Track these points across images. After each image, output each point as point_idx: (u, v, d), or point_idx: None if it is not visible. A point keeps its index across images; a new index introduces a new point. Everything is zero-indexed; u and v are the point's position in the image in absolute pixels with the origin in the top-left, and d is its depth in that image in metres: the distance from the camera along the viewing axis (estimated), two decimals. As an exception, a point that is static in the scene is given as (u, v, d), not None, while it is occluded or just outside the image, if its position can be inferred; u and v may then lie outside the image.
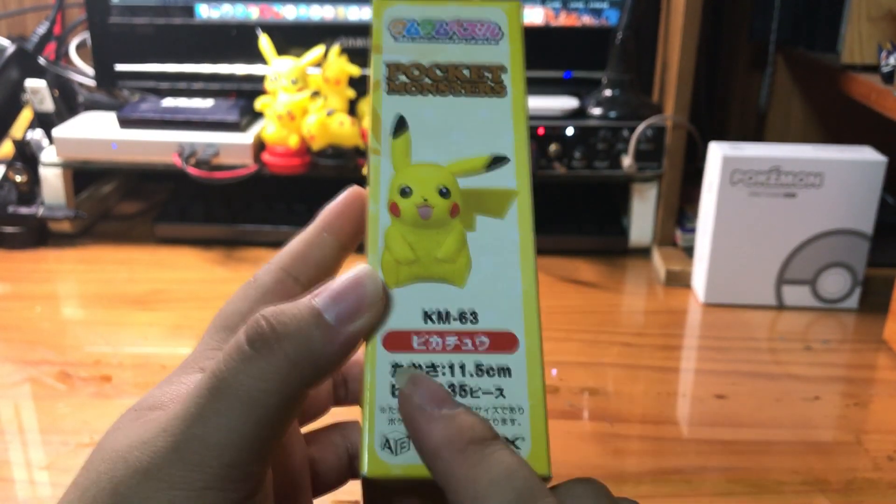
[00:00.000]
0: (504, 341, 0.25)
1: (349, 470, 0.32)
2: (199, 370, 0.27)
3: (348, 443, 0.32)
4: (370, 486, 0.25)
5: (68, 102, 0.92)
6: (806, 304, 0.76)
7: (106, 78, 0.92)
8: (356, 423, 0.32)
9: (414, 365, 0.25)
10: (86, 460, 0.26)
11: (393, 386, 0.24)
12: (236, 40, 0.90)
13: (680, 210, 0.85)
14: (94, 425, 0.57)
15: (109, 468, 0.24)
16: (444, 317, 0.25)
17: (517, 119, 0.28)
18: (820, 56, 0.87)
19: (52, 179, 0.87)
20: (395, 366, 0.25)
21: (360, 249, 0.28)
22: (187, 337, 0.70)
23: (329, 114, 0.82)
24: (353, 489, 0.52)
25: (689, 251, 0.82)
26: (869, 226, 0.73)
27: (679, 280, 0.81)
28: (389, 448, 0.24)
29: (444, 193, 0.27)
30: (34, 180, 0.87)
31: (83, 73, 0.95)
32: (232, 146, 0.84)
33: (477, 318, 0.26)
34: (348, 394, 0.33)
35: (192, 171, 0.81)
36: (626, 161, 0.82)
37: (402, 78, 0.28)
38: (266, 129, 0.84)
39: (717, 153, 0.73)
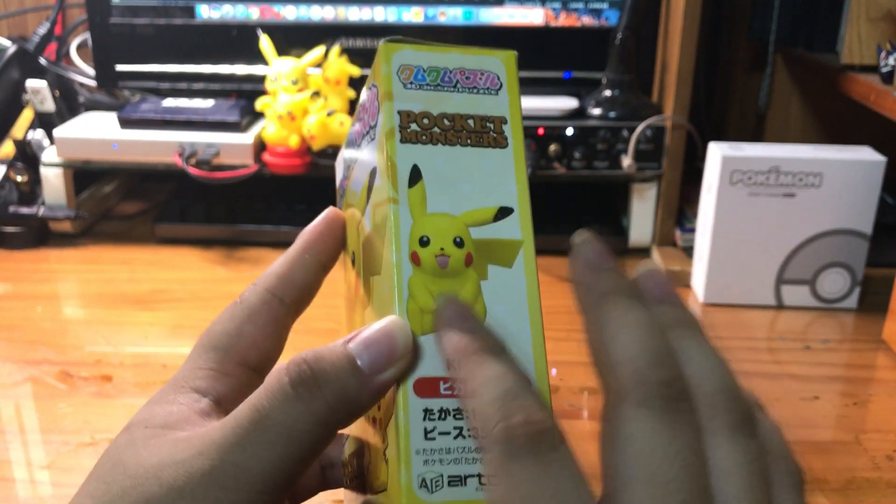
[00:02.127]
0: None
1: (322, 482, 0.34)
2: (192, 390, 0.28)
3: (322, 457, 0.34)
4: None
5: (69, 102, 0.92)
6: (805, 304, 0.76)
7: (107, 78, 0.93)
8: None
9: (443, 410, 0.26)
10: (95, 472, 0.27)
11: (426, 430, 0.26)
12: (237, 41, 0.91)
13: (679, 210, 0.85)
14: (95, 425, 0.57)
15: (139, 483, 0.25)
16: None
17: (518, 169, 0.29)
18: (819, 56, 0.87)
19: (52, 179, 0.87)
20: (426, 411, 0.26)
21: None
22: (188, 337, 0.70)
23: (329, 114, 0.82)
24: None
25: (688, 251, 0.82)
26: (868, 226, 0.73)
27: (679, 280, 0.81)
28: (426, 487, 0.25)
29: (459, 243, 0.28)
30: (35, 180, 0.87)
31: (84, 73, 0.95)
32: (232, 146, 0.84)
33: None
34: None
35: (192, 171, 0.81)
36: (626, 161, 0.83)
37: (414, 127, 0.29)
38: (266, 129, 0.84)
39: (717, 153, 0.73)
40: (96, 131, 0.86)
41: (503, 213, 0.29)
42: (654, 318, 0.25)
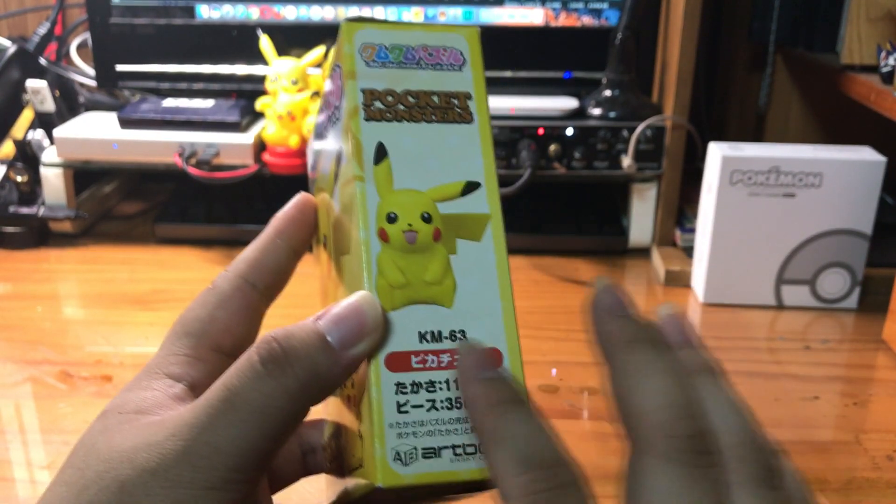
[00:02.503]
0: (491, 357, 0.27)
1: (303, 468, 0.34)
2: (166, 375, 0.29)
3: (302, 442, 0.34)
4: (383, 496, 0.27)
5: (69, 103, 0.93)
6: (805, 304, 0.76)
7: (107, 78, 0.93)
8: (311, 423, 0.34)
9: (415, 383, 0.26)
10: (70, 460, 0.27)
11: (398, 403, 0.26)
12: (237, 41, 0.91)
13: (679, 210, 0.85)
14: (95, 425, 0.57)
15: (112, 467, 0.25)
16: (436, 336, 0.27)
17: (485, 144, 0.29)
18: (819, 56, 0.87)
19: (52, 179, 0.87)
20: (398, 384, 0.26)
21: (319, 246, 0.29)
22: (188, 337, 0.70)
23: (329, 114, 0.82)
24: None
25: (688, 251, 0.82)
26: (868, 226, 0.73)
27: (678, 280, 0.81)
28: (401, 460, 0.26)
29: (427, 219, 0.28)
30: (35, 180, 0.87)
31: (84, 73, 0.95)
32: (232, 146, 0.84)
33: (465, 337, 0.27)
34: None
35: (192, 171, 0.81)
36: (626, 161, 0.83)
37: (378, 105, 0.29)
38: (266, 129, 0.84)
39: (717, 153, 0.73)
40: (96, 131, 0.86)
41: (470, 187, 0.29)
42: (677, 366, 0.25)
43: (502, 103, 0.84)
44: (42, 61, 0.93)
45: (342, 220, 0.30)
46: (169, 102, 0.89)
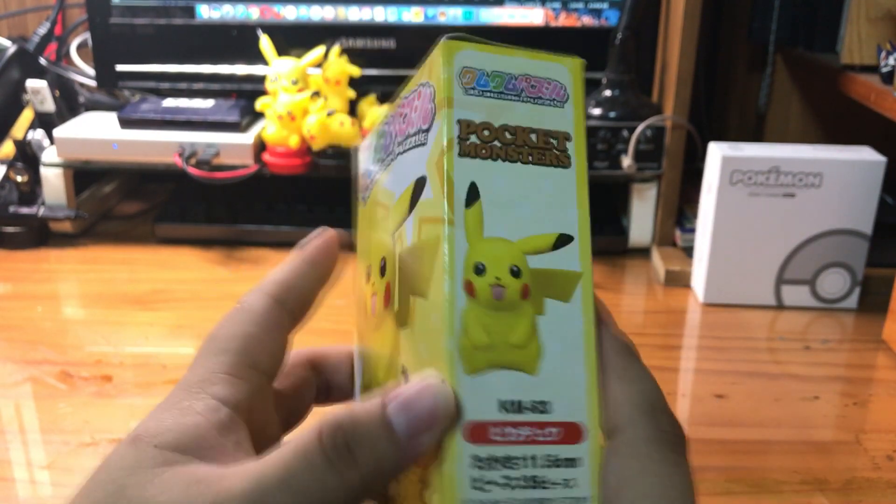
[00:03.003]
0: (573, 432, 0.25)
1: (311, 400, 0.33)
2: (211, 396, 0.27)
3: (318, 376, 0.33)
4: None
5: (69, 102, 0.92)
6: (805, 304, 0.76)
7: (107, 78, 0.93)
8: (330, 351, 0.34)
9: (492, 458, 0.24)
10: (93, 495, 0.25)
11: (473, 479, 0.24)
12: (237, 41, 0.91)
13: (679, 210, 0.85)
14: (95, 425, 0.57)
15: None
16: (517, 407, 0.25)
17: (580, 193, 0.27)
18: (819, 56, 0.87)
19: (52, 179, 0.87)
20: (474, 458, 0.24)
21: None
22: (188, 336, 0.70)
23: (329, 114, 0.82)
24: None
25: (688, 251, 0.82)
26: (868, 226, 0.73)
27: (678, 280, 0.81)
28: None
29: (516, 273, 0.25)
30: (35, 180, 0.87)
31: (84, 73, 0.95)
32: (232, 146, 0.84)
33: (548, 408, 0.25)
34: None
35: (192, 171, 0.81)
36: (626, 161, 0.83)
37: (474, 139, 0.26)
38: (266, 129, 0.84)
39: (717, 153, 0.73)
40: (96, 131, 0.86)
41: (563, 240, 0.26)
42: None
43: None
44: (42, 61, 0.93)
45: (418, 256, 0.27)
46: (169, 102, 0.89)
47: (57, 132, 0.85)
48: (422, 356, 0.26)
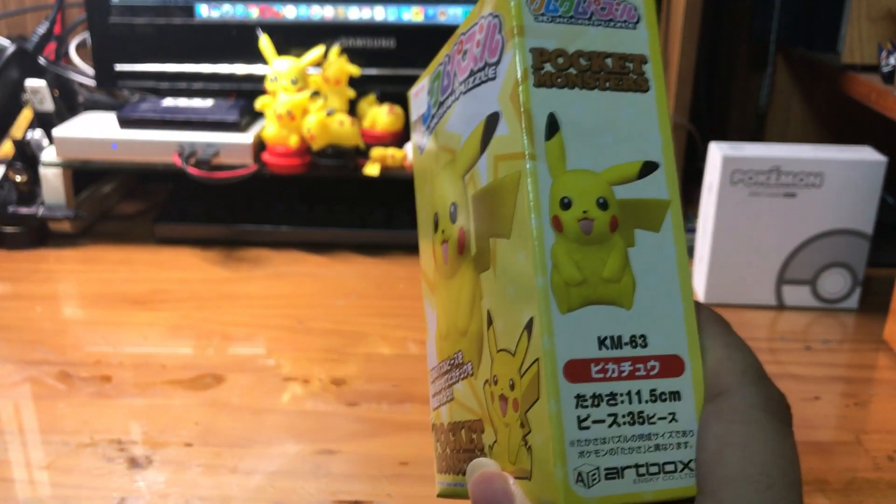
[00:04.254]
0: (673, 365, 0.25)
1: None
2: None
3: None
4: None
5: (68, 102, 0.92)
6: (806, 304, 0.76)
7: (106, 78, 0.92)
8: None
9: (595, 395, 0.24)
10: None
11: (579, 418, 0.23)
12: (236, 40, 0.90)
13: (680, 210, 0.85)
14: (95, 425, 0.57)
15: None
16: (616, 342, 0.24)
17: (662, 118, 0.26)
18: (820, 56, 0.87)
19: (52, 179, 0.87)
20: (579, 397, 0.24)
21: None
22: (187, 337, 0.70)
23: (329, 113, 0.82)
24: (351, 489, 0.52)
25: (689, 251, 0.82)
26: (869, 226, 0.73)
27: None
28: (583, 482, 0.23)
29: (603, 205, 0.25)
30: (34, 180, 0.87)
31: (83, 72, 0.95)
32: (232, 146, 0.84)
33: (647, 342, 0.24)
34: None
35: (192, 170, 0.81)
36: (626, 161, 0.82)
37: (549, 67, 0.25)
38: (266, 128, 0.84)
39: (717, 153, 0.73)
40: (95, 131, 0.86)
41: (648, 168, 0.25)
42: None
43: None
44: (41, 61, 0.93)
45: (494, 197, 0.26)
46: (168, 102, 0.89)
47: (56, 132, 0.85)
48: (509, 298, 0.26)
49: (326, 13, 0.90)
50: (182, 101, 0.89)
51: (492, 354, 0.27)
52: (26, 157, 0.88)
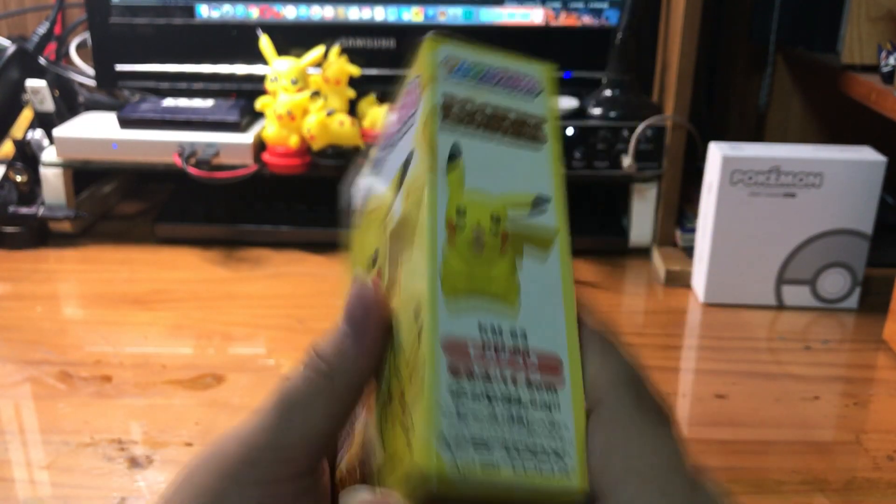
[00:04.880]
0: (551, 363, 0.26)
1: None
2: None
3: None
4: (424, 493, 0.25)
5: (69, 102, 0.92)
6: (806, 304, 0.76)
7: (106, 78, 0.92)
8: None
9: (471, 372, 0.25)
10: None
11: (452, 390, 0.25)
12: (236, 40, 0.91)
13: (680, 210, 0.85)
14: (95, 425, 0.57)
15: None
16: (496, 330, 0.26)
17: (555, 166, 0.29)
18: (820, 56, 0.87)
19: (52, 179, 0.87)
20: (453, 369, 0.25)
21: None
22: (187, 337, 0.70)
23: (329, 114, 0.82)
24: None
25: (688, 251, 0.82)
26: (868, 226, 0.73)
27: (679, 280, 0.81)
28: (449, 447, 0.24)
29: (496, 220, 0.27)
30: (34, 180, 0.87)
31: (83, 73, 0.95)
32: (232, 146, 0.84)
33: (527, 337, 0.26)
34: None
35: (192, 170, 0.81)
36: (626, 161, 0.82)
37: (457, 109, 0.29)
38: (266, 128, 0.84)
39: (717, 153, 0.73)
40: (96, 131, 0.86)
41: (540, 201, 0.28)
42: None
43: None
44: (41, 61, 0.93)
45: (404, 224, 0.29)
46: (168, 102, 0.89)
47: (56, 132, 0.85)
48: (407, 295, 0.27)
49: (326, 13, 0.90)
50: (182, 102, 0.89)
51: (392, 374, 0.28)
52: (27, 157, 0.88)
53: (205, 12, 0.90)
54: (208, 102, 0.88)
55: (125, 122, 0.86)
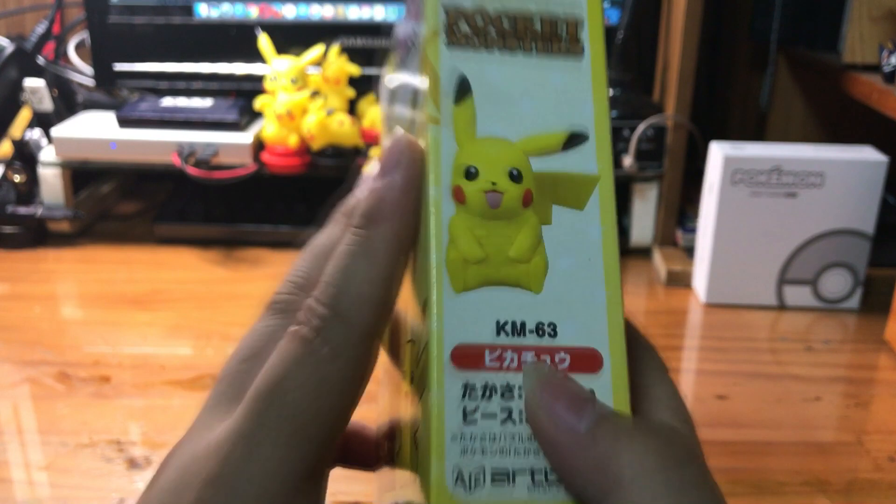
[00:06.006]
0: (587, 360, 0.22)
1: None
2: None
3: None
4: None
5: (67, 102, 0.92)
6: (807, 305, 0.76)
7: (105, 77, 0.92)
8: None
9: (487, 386, 0.21)
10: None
11: (465, 410, 0.21)
12: (236, 39, 0.90)
13: (681, 210, 0.85)
14: (94, 425, 0.57)
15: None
16: (518, 329, 0.22)
17: (597, 86, 0.23)
18: (821, 56, 0.87)
19: (50, 179, 0.87)
20: (467, 386, 0.21)
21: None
22: (186, 337, 0.69)
23: (329, 113, 0.82)
24: (351, 489, 0.52)
25: (689, 251, 0.82)
26: (870, 226, 0.73)
27: (680, 280, 0.80)
28: (463, 483, 0.20)
29: (516, 177, 0.22)
30: (33, 180, 0.87)
31: (82, 72, 0.95)
32: (231, 146, 0.83)
33: (556, 332, 0.22)
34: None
35: (191, 170, 0.81)
36: (627, 161, 0.82)
37: (464, 28, 0.23)
38: (265, 128, 0.83)
39: (718, 153, 0.73)
40: (94, 131, 0.86)
41: (575, 139, 0.23)
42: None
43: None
44: (40, 60, 0.92)
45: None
46: (167, 102, 0.89)
47: (55, 131, 0.85)
48: (415, 281, 0.23)
49: (326, 13, 0.90)
50: (181, 101, 0.89)
51: (403, 349, 0.25)
52: (25, 156, 0.88)
53: (204, 11, 0.90)
54: (207, 102, 0.88)
55: (124, 122, 0.86)
